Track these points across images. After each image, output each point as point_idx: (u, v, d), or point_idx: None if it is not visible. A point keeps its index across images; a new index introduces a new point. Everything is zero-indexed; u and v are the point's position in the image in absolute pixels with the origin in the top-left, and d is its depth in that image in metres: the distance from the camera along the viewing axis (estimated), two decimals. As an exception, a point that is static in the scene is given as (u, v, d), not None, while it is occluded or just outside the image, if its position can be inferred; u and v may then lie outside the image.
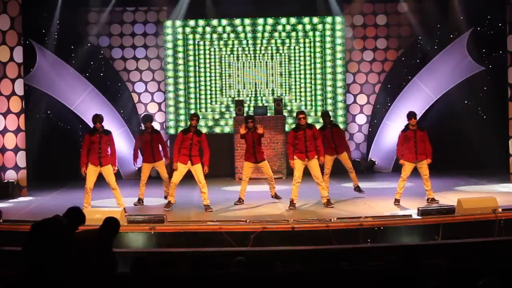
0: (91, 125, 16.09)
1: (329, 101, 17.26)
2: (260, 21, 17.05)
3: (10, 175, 14.16)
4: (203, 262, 6.02)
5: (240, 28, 17.05)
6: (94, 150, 11.66)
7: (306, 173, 12.12)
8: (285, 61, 17.23)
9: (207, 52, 17.12)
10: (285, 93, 17.27)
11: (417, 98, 16.88)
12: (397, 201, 12.04)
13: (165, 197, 12.33)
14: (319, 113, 17.17)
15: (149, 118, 12.82)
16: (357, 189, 13.08)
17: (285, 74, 17.26)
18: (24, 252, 6.19)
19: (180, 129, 16.83)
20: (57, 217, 6.49)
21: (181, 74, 17.11)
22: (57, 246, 6.12)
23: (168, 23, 16.96)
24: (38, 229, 6.32)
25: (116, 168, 11.86)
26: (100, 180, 11.93)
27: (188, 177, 12.22)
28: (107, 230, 6.67)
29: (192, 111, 16.46)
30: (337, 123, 15.09)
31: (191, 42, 17.09)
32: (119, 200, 11.73)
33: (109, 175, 11.69)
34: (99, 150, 11.65)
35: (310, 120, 17.00)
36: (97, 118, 11.85)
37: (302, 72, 17.27)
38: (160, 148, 12.60)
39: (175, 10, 16.71)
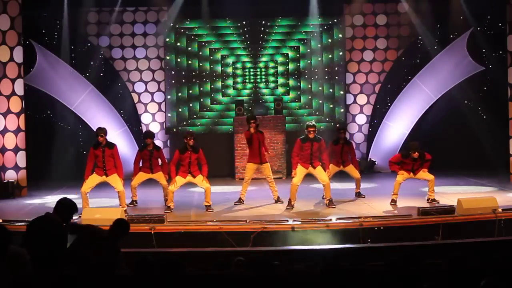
0: (91, 125, 16.24)
1: (329, 101, 17.26)
2: (260, 21, 17.05)
3: (10, 175, 14.16)
4: (203, 262, 6.01)
5: (240, 28, 17.05)
6: (99, 164, 11.69)
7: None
8: (285, 60, 17.23)
9: (207, 52, 17.11)
10: (285, 93, 17.26)
11: (417, 98, 16.90)
12: (393, 202, 12.05)
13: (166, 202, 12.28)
14: (318, 113, 17.19)
15: (149, 134, 12.56)
16: (358, 194, 13.07)
17: (285, 74, 17.26)
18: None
19: (180, 129, 16.90)
20: (47, 214, 6.49)
21: (181, 74, 17.11)
22: (49, 243, 6.13)
23: (169, 23, 16.95)
24: (31, 228, 6.34)
25: (123, 180, 11.83)
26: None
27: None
28: (116, 231, 6.65)
29: (189, 129, 16.25)
30: (350, 140, 14.93)
31: (191, 42, 17.09)
32: (123, 203, 11.70)
33: (115, 181, 11.68)
34: (103, 164, 11.66)
35: (309, 119, 17.06)
36: (100, 131, 11.79)
37: (302, 71, 17.27)
38: (160, 162, 12.52)
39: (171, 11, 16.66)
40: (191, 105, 17.16)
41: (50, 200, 13.47)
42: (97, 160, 11.70)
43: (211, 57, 17.14)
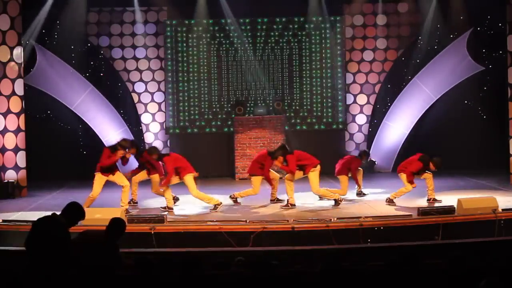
0: (91, 125, 16.30)
1: (329, 101, 17.27)
2: (260, 20, 17.06)
3: (10, 175, 14.16)
4: (203, 262, 6.01)
5: (240, 28, 17.04)
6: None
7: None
8: (285, 60, 17.23)
9: (207, 51, 17.11)
10: (285, 93, 17.26)
11: (417, 98, 16.90)
12: (391, 202, 12.02)
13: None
14: (319, 113, 17.20)
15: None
16: (359, 194, 13.11)
17: (285, 74, 17.26)
18: (26, 251, 6.22)
19: (180, 129, 16.92)
20: (54, 215, 6.49)
21: (181, 74, 17.11)
22: (53, 245, 6.13)
23: (169, 22, 16.96)
24: (35, 227, 6.33)
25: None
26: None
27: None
28: (112, 230, 6.68)
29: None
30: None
31: (191, 41, 17.09)
32: (124, 201, 11.69)
33: (119, 178, 11.79)
34: (114, 166, 11.81)
35: (309, 120, 17.10)
36: (127, 144, 11.87)
37: (302, 72, 17.26)
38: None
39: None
40: (191, 105, 17.15)
41: (50, 200, 13.48)
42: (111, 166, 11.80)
43: (211, 57, 17.13)
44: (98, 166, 11.76)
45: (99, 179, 11.69)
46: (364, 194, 13.10)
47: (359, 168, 13.14)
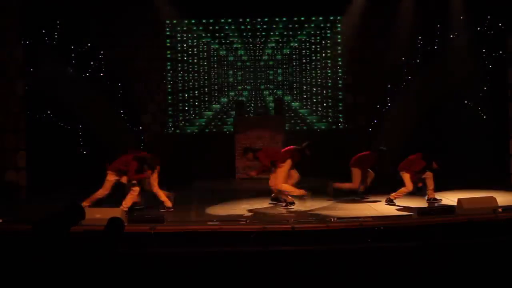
0: (91, 125, 16.30)
1: (329, 101, 17.29)
2: (260, 20, 17.08)
3: (10, 175, 14.15)
4: (203, 262, 6.02)
5: (240, 28, 17.06)
6: (123, 168, 11.77)
7: (310, 175, 12.14)
8: (285, 60, 17.25)
9: (207, 51, 17.13)
10: (285, 93, 17.29)
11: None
12: (390, 200, 12.04)
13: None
14: (319, 113, 17.22)
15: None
16: (360, 194, 13.14)
17: (285, 74, 17.28)
18: (26, 251, 6.24)
19: (180, 129, 16.94)
20: (54, 215, 6.50)
21: (181, 74, 17.12)
22: (53, 245, 6.15)
23: (169, 22, 16.97)
24: (35, 227, 6.35)
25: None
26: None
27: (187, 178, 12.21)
28: (111, 230, 6.68)
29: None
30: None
31: (191, 41, 17.10)
32: (127, 203, 11.68)
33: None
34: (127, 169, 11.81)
35: (309, 120, 17.13)
36: (153, 164, 11.90)
37: (303, 71, 17.28)
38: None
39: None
40: (191, 105, 17.17)
41: (50, 200, 13.47)
42: (125, 165, 11.77)
43: (211, 57, 17.15)
44: (115, 165, 11.76)
45: (112, 179, 11.69)
46: (365, 195, 13.07)
47: (369, 170, 13.12)
